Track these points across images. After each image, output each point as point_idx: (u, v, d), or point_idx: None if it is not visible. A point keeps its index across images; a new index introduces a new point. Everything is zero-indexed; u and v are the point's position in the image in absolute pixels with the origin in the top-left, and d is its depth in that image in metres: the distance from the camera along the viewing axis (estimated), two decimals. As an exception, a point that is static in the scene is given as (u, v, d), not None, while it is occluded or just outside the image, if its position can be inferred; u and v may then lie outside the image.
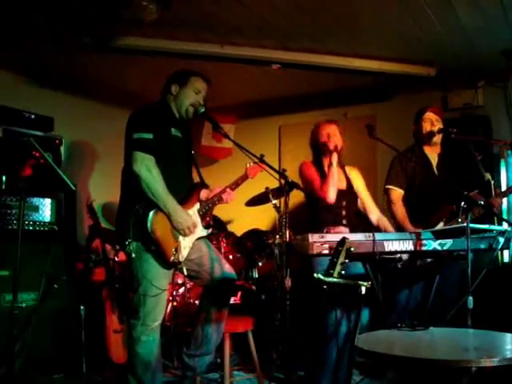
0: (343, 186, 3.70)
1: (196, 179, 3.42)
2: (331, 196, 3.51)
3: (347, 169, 3.85)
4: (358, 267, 3.19)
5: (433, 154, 4.01)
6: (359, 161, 4.32)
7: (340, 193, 3.59)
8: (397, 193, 3.94)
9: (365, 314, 3.35)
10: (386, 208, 4.00)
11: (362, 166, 4.30)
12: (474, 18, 3.92)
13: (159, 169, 3.03)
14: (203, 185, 3.38)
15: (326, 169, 3.67)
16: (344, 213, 3.65)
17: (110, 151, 5.41)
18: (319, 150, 3.76)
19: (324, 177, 3.62)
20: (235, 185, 3.49)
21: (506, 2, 3.66)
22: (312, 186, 3.63)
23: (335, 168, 3.57)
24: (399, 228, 3.84)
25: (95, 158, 5.74)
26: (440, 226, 3.67)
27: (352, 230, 3.57)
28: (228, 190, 3.43)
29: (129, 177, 3.05)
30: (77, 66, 4.86)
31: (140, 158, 2.99)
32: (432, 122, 3.94)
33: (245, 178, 3.57)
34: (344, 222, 3.63)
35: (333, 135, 3.68)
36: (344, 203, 3.65)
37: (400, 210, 3.89)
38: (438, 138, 3.96)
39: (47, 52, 4.53)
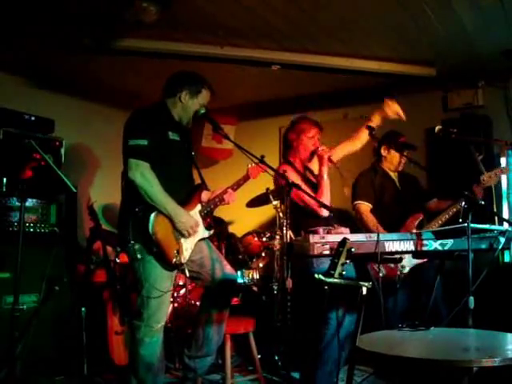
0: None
1: (197, 181, 3.42)
2: (325, 211, 3.46)
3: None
4: (349, 271, 3.18)
5: (391, 172, 4.20)
6: (359, 161, 4.32)
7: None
8: (365, 206, 4.03)
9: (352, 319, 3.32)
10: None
11: (361, 166, 4.32)
12: (474, 18, 3.92)
13: (157, 172, 3.04)
14: (204, 186, 3.38)
15: (309, 172, 3.67)
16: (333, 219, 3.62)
17: (110, 153, 5.40)
18: (305, 153, 3.69)
19: (308, 180, 3.61)
20: (237, 185, 3.48)
21: (506, 2, 3.66)
22: (302, 198, 3.50)
23: (327, 181, 3.55)
24: None
25: (96, 159, 5.75)
26: None
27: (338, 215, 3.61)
28: (229, 190, 3.42)
29: (127, 181, 3.07)
30: (77, 68, 4.87)
31: (135, 165, 3.01)
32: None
33: (246, 178, 3.56)
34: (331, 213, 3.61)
35: (320, 142, 3.66)
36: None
37: (370, 218, 3.96)
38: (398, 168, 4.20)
39: (47, 54, 4.53)
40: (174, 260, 3.06)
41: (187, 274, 3.21)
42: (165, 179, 3.07)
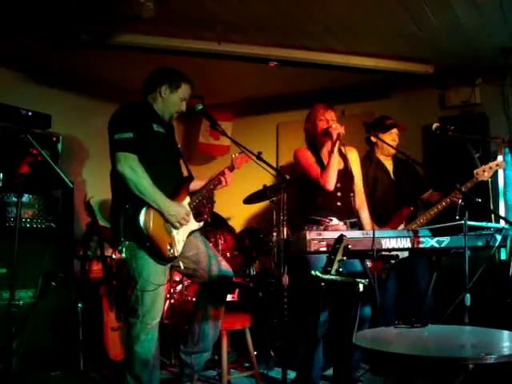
0: (340, 166, 3.63)
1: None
2: (331, 185, 3.49)
3: (346, 149, 3.74)
4: (356, 265, 3.19)
5: (386, 160, 4.16)
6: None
7: (337, 174, 3.57)
8: None
9: (367, 311, 3.34)
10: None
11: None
12: (471, 16, 3.92)
13: (145, 165, 3.04)
14: (191, 178, 3.38)
15: (323, 155, 3.66)
16: (339, 194, 3.60)
17: (107, 148, 5.35)
18: (319, 136, 3.68)
19: (321, 163, 3.61)
20: (221, 174, 3.50)
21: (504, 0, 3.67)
22: (309, 173, 3.58)
23: (337, 156, 3.54)
24: None
25: (93, 155, 5.72)
26: (401, 228, 3.80)
27: (345, 211, 3.59)
28: (226, 170, 3.48)
29: (116, 178, 3.06)
30: (75, 63, 4.85)
31: (123, 158, 3.01)
32: (394, 138, 4.08)
33: (231, 168, 3.57)
34: (338, 203, 3.59)
35: (333, 121, 3.65)
36: (339, 185, 3.59)
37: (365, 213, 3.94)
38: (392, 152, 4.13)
39: (45, 49, 4.51)
40: (168, 253, 3.06)
41: (181, 267, 3.22)
42: (153, 172, 3.06)
